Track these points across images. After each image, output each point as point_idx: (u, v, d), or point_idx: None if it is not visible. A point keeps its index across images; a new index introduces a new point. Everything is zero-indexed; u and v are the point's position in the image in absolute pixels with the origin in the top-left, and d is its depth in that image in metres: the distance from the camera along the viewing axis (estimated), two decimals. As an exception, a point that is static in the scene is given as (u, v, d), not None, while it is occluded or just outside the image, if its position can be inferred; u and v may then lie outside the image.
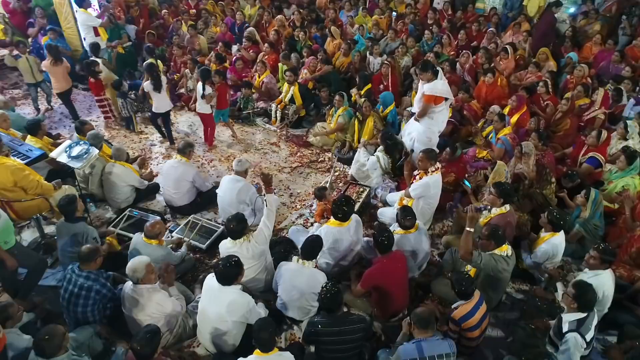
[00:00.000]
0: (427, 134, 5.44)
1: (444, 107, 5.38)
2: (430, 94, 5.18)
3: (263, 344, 3.02)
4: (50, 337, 2.97)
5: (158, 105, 6.25)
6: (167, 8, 10.05)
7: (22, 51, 6.68)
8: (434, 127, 5.47)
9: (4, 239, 3.63)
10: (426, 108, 5.29)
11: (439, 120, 5.45)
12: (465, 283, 3.45)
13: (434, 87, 5.18)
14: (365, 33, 9.04)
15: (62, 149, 4.92)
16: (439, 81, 5.22)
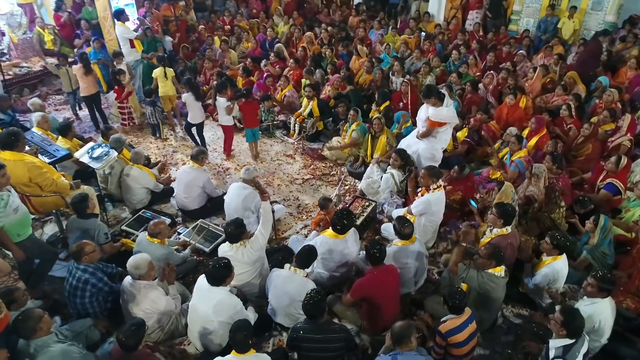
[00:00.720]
0: (430, 151, 5.55)
1: (447, 128, 5.49)
2: (435, 120, 5.31)
3: (238, 344, 3.10)
4: (25, 318, 3.16)
5: (194, 115, 6.57)
6: (204, 24, 10.54)
7: (63, 64, 7.18)
8: (437, 145, 5.59)
9: (17, 232, 3.88)
10: (430, 131, 5.43)
11: (442, 139, 5.57)
12: (459, 297, 3.41)
13: (439, 114, 5.31)
14: (391, 51, 9.13)
15: (85, 150, 5.27)
16: (444, 108, 5.33)
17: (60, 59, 7.27)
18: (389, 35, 10.08)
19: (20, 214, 3.89)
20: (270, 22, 11.02)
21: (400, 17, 11.41)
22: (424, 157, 5.52)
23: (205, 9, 11.73)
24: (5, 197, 3.70)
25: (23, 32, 9.17)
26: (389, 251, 4.24)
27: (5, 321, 3.19)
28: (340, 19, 11.65)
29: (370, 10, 11.88)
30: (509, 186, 4.82)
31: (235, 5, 11.87)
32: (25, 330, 3.16)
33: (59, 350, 3.22)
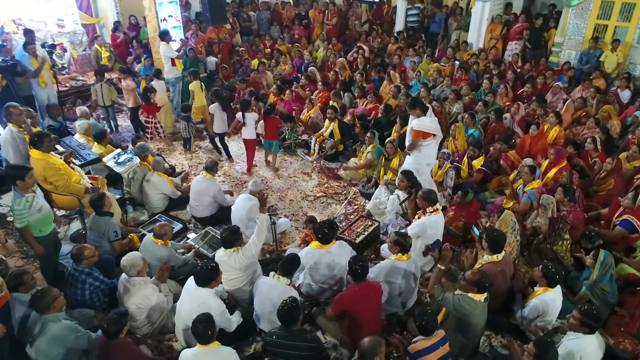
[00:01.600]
0: (414, 165, 5.63)
1: (431, 142, 5.56)
2: (418, 129, 5.44)
3: (198, 336, 3.28)
4: (42, 295, 3.51)
5: (217, 125, 7.06)
6: (247, 47, 11.14)
7: (99, 80, 7.84)
8: (421, 160, 5.65)
9: (40, 228, 4.29)
10: (414, 142, 5.53)
11: (426, 154, 5.64)
12: (427, 318, 3.42)
13: (422, 123, 5.43)
14: (421, 78, 9.22)
15: (112, 156, 5.76)
16: (427, 118, 5.45)
17: (97, 76, 7.94)
18: (423, 63, 10.17)
19: (43, 213, 4.28)
20: (310, 47, 11.44)
21: (439, 46, 11.48)
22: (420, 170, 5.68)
23: (251, 33, 12.38)
24: (30, 199, 4.10)
25: (83, 49, 10.14)
26: (381, 265, 4.31)
27: (5, 299, 3.54)
28: (379, 46, 11.89)
29: (410, 39, 12.03)
30: (509, 214, 4.75)
31: (279, 30, 12.43)
32: (41, 305, 3.50)
33: (67, 325, 3.58)
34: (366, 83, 9.35)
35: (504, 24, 10.90)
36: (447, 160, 5.99)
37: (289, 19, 12.67)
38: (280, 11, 12.96)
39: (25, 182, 4.00)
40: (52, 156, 4.87)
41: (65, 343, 3.56)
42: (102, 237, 4.75)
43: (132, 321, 4.05)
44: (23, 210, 4.03)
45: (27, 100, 7.40)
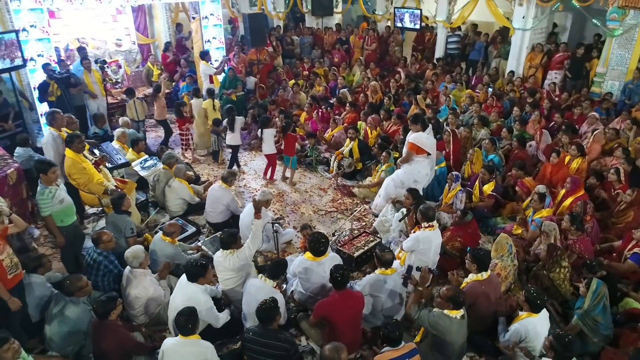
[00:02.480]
0: (401, 178, 5.87)
1: (423, 160, 5.81)
2: (413, 142, 5.70)
3: (179, 327, 3.52)
4: (72, 281, 3.95)
5: (231, 138, 7.50)
6: (287, 69, 11.68)
7: (130, 97, 8.49)
8: (409, 175, 5.90)
9: (61, 218, 4.78)
10: (408, 154, 5.81)
11: (416, 170, 5.87)
12: (390, 327, 3.50)
13: (418, 138, 5.69)
14: (451, 103, 9.26)
15: (139, 161, 6.28)
16: (424, 134, 5.67)
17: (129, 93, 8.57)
18: (456, 89, 10.19)
19: (65, 205, 4.78)
20: (347, 71, 11.78)
21: (477, 73, 11.45)
22: (394, 181, 6.07)
23: (294, 56, 12.95)
24: (53, 191, 4.61)
25: (136, 66, 11.07)
26: (367, 277, 4.43)
27: (19, 277, 3.99)
28: (416, 72, 12.03)
29: (449, 66, 12.08)
30: (504, 237, 4.71)
31: (321, 54, 12.91)
32: (70, 289, 3.92)
33: (84, 309, 3.98)
34: (396, 106, 9.51)
35: (545, 53, 10.74)
36: (455, 182, 6.00)
37: (330, 43, 13.13)
38: (322, 36, 13.47)
39: (48, 176, 4.52)
40: (81, 157, 5.41)
41: (77, 325, 3.95)
42: (119, 233, 5.18)
43: (130, 309, 4.43)
44: (46, 200, 4.54)
45: (78, 110, 8.22)
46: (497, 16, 10.95)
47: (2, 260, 3.82)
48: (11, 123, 7.56)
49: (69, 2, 8.06)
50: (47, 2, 7.82)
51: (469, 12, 11.55)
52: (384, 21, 13.80)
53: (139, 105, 8.37)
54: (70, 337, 3.97)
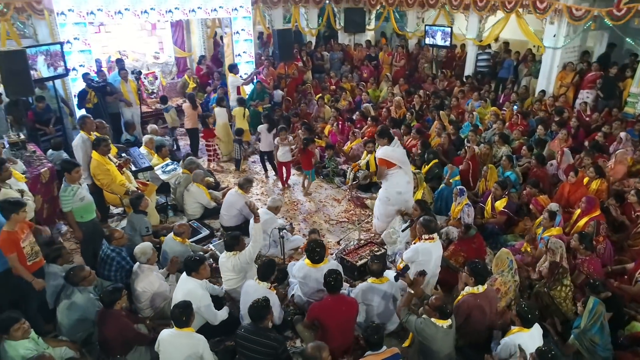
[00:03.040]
0: (385, 194, 5.93)
1: (396, 171, 5.93)
2: (380, 157, 5.85)
3: (174, 318, 3.73)
4: (76, 271, 4.25)
5: (264, 144, 7.81)
6: (315, 83, 11.96)
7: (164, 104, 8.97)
8: (390, 189, 5.95)
9: (81, 214, 5.13)
10: (380, 170, 5.95)
11: (394, 182, 5.91)
12: (370, 331, 3.57)
13: (384, 152, 5.87)
14: (474, 120, 9.22)
15: (161, 165, 6.63)
16: (390, 147, 5.82)
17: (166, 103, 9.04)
18: (482, 107, 10.13)
19: (85, 202, 5.13)
20: (374, 86, 11.93)
21: (505, 91, 11.33)
22: (381, 201, 6.12)
23: (323, 71, 13.25)
24: (75, 189, 4.98)
25: (172, 78, 11.65)
26: (360, 285, 4.52)
27: (39, 265, 4.33)
28: (444, 88, 12.03)
29: (479, 83, 12.01)
30: (505, 252, 4.67)
31: (350, 70, 13.13)
32: (73, 279, 4.24)
33: (90, 298, 4.28)
34: (418, 122, 9.55)
35: (577, 72, 10.52)
36: (460, 197, 5.99)
37: (360, 59, 13.35)
38: (352, 52, 13.72)
39: (72, 175, 4.89)
40: (106, 159, 5.79)
41: (85, 313, 4.24)
42: (136, 232, 5.50)
43: (137, 302, 4.69)
44: (68, 197, 4.91)
45: (113, 117, 8.77)
46: (528, 34, 10.86)
47: (23, 247, 4.18)
48: (52, 127, 8.15)
49: (110, 17, 8.68)
50: (90, 16, 8.45)
51: (499, 30, 11.51)
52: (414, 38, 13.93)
53: (173, 113, 8.80)
54: (79, 324, 4.26)
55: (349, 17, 14.31)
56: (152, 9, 9.09)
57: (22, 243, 4.16)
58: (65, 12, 8.24)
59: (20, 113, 7.73)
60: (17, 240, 4.12)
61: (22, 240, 4.18)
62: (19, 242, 4.14)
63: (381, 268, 4.46)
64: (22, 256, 4.16)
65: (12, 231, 4.10)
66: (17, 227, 4.16)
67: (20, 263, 4.14)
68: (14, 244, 4.10)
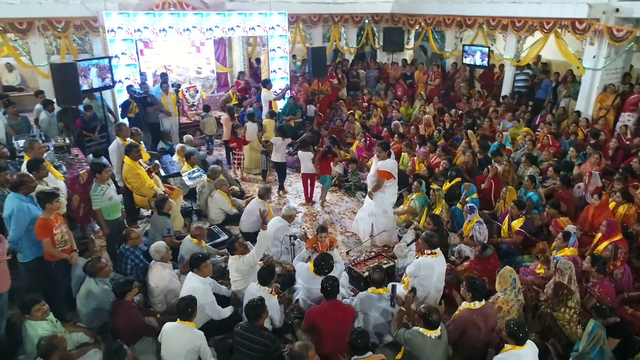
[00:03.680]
0: (382, 207, 6.10)
1: (392, 183, 6.29)
2: (383, 169, 6.00)
3: (179, 311, 3.98)
4: (93, 264, 4.63)
5: (275, 155, 8.07)
6: (349, 100, 12.20)
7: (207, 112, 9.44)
8: (386, 200, 6.15)
9: (108, 213, 5.57)
10: (380, 182, 6.07)
11: (390, 193, 6.21)
12: (356, 335, 3.66)
13: (386, 164, 6.11)
14: (503, 140, 9.10)
15: (188, 172, 7.04)
16: (391, 160, 6.06)
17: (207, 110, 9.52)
18: (514, 127, 9.97)
19: (113, 202, 5.58)
20: (407, 104, 12.00)
21: (542, 112, 11.07)
22: (377, 215, 6.28)
23: (358, 88, 13.49)
24: (104, 189, 5.43)
25: (212, 91, 12.27)
26: (359, 295, 4.62)
27: (69, 250, 4.76)
28: (478, 108, 11.92)
29: (516, 104, 11.81)
30: (508, 270, 4.61)
31: (385, 88, 13.28)
32: (91, 270, 4.62)
33: (105, 289, 4.62)
34: (447, 140, 9.54)
35: (619, 94, 10.17)
36: (471, 214, 5.96)
37: (395, 78, 13.48)
38: (388, 70, 13.88)
39: (102, 176, 5.34)
40: (137, 164, 6.24)
41: (101, 302, 4.59)
42: (158, 232, 5.86)
43: (150, 297, 5.00)
44: (97, 196, 5.35)
45: (152, 127, 9.35)
46: (567, 55, 10.63)
47: (55, 234, 4.62)
48: (97, 134, 8.83)
49: (155, 34, 9.35)
50: (137, 34, 9.14)
51: (537, 51, 11.34)
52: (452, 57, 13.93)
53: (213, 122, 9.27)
54: (95, 313, 4.62)
55: (387, 36, 14.56)
56: (194, 27, 9.71)
57: (54, 230, 4.60)
58: (115, 29, 8.97)
59: (70, 120, 8.43)
60: (50, 227, 4.58)
61: (54, 227, 4.62)
62: (52, 229, 4.59)
63: (382, 278, 4.54)
64: (53, 242, 4.60)
65: (47, 219, 4.56)
66: (52, 216, 4.61)
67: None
68: (48, 230, 4.56)
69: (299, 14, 12.87)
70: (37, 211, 4.62)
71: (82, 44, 10.86)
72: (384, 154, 6.05)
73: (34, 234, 4.54)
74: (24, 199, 4.62)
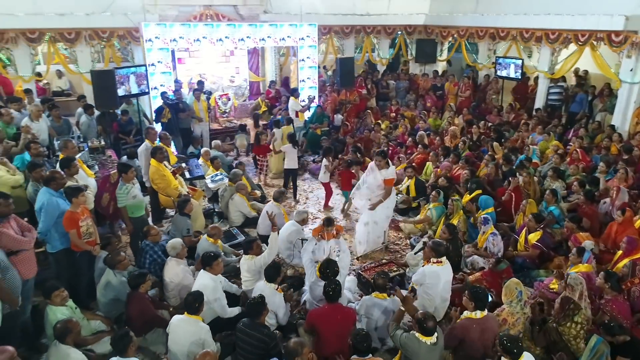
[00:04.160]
0: (385, 213, 6.39)
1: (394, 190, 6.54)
2: (391, 177, 6.14)
3: (186, 305, 4.17)
4: (113, 256, 4.94)
5: (287, 162, 8.28)
6: (377, 110, 12.29)
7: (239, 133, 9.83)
8: (390, 206, 6.34)
9: (132, 210, 5.88)
10: (389, 190, 6.29)
11: (392, 199, 6.47)
12: (358, 338, 3.72)
13: (392, 172, 6.25)
14: (530, 154, 8.93)
15: (211, 175, 7.33)
16: (392, 168, 6.32)
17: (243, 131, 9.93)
18: (544, 142, 9.74)
19: (137, 200, 5.90)
20: (435, 116, 11.96)
21: (575, 126, 10.76)
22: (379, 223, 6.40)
23: (388, 99, 13.55)
24: (129, 188, 5.76)
25: (243, 100, 12.66)
26: (363, 299, 4.70)
27: (93, 242, 5.09)
28: (511, 121, 11.71)
29: (550, 117, 11.53)
30: (514, 282, 4.55)
31: (415, 99, 13.27)
32: (110, 262, 4.93)
33: (122, 280, 4.90)
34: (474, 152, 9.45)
35: (658, 108, 9.76)
36: (485, 225, 5.90)
37: (425, 89, 13.45)
38: (418, 81, 13.87)
39: (127, 176, 5.68)
40: (162, 165, 6.57)
41: (118, 294, 4.88)
42: (178, 232, 6.14)
43: (165, 291, 5.25)
44: (123, 195, 5.70)
45: (183, 132, 9.76)
46: (602, 68, 10.32)
47: (81, 226, 4.97)
48: (132, 138, 9.31)
49: (189, 43, 9.81)
50: (172, 43, 9.63)
51: (572, 63, 11.08)
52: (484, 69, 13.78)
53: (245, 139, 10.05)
54: (113, 303, 4.90)
55: (420, 47, 14.58)
56: (227, 37, 10.13)
57: (80, 222, 4.95)
58: (153, 39, 9.49)
59: (107, 123, 8.95)
60: (77, 220, 4.93)
61: (80, 220, 4.96)
62: (78, 221, 4.94)
63: (386, 283, 4.60)
64: (79, 233, 4.95)
65: (74, 212, 4.92)
66: (79, 210, 4.96)
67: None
68: (75, 222, 4.92)
69: (330, 25, 13.13)
70: (66, 205, 4.98)
71: (125, 52, 11.53)
72: (383, 163, 6.10)
73: (62, 227, 4.90)
74: (54, 193, 4.99)
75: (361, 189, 6.41)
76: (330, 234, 5.35)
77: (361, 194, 6.40)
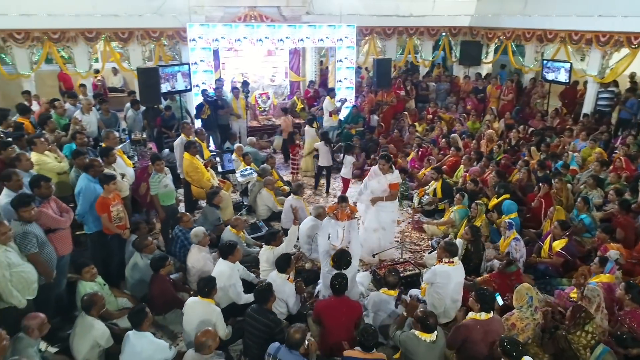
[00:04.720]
0: (391, 217, 6.39)
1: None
2: (397, 181, 6.27)
3: (199, 289, 4.43)
4: (141, 240, 5.30)
5: (321, 159, 8.45)
6: (413, 112, 12.23)
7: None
8: (395, 210, 6.42)
9: (163, 199, 6.25)
10: (395, 194, 6.32)
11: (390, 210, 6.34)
12: (366, 335, 3.80)
13: (397, 176, 6.26)
14: (569, 160, 8.60)
15: (241, 170, 7.64)
16: (396, 171, 6.35)
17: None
18: (587, 148, 9.34)
19: (168, 189, 6.27)
20: (474, 119, 11.72)
21: (624, 133, 10.22)
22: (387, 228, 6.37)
23: (427, 101, 13.41)
24: (160, 177, 6.14)
25: (283, 98, 12.97)
26: (372, 294, 4.79)
27: (121, 228, 5.47)
28: (554, 126, 11.29)
29: (598, 123, 11.01)
30: (525, 287, 4.47)
31: (456, 101, 13.07)
32: (138, 246, 5.30)
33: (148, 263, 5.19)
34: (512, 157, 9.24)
35: None
36: (509, 230, 5.79)
37: (466, 91, 13.21)
38: (459, 84, 13.63)
39: (157, 165, 6.07)
40: (195, 159, 6.94)
41: (144, 275, 5.22)
42: (207, 221, 6.45)
43: (188, 276, 5.56)
44: (154, 183, 6.10)
45: (222, 128, 10.17)
46: (656, 72, 9.77)
47: (112, 211, 5.37)
48: (174, 132, 9.83)
49: (230, 43, 10.21)
50: (214, 43, 10.07)
51: (624, 67, 10.56)
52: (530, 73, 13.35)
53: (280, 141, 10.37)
54: (139, 284, 5.26)
55: (464, 49, 14.30)
56: (267, 37, 10.46)
57: (111, 207, 5.35)
58: (196, 38, 9.97)
59: (151, 118, 9.50)
60: (108, 205, 5.33)
61: (111, 205, 5.37)
62: (109, 206, 5.34)
63: (396, 281, 4.66)
64: (110, 217, 5.35)
65: (106, 197, 5.33)
66: (110, 195, 5.37)
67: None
68: (106, 207, 5.32)
69: (372, 26, 13.18)
70: (102, 191, 5.40)
71: (174, 51, 12.14)
72: (387, 167, 6.09)
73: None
74: (92, 179, 5.43)
75: (364, 194, 6.36)
76: (345, 213, 5.43)
77: (364, 199, 6.37)
